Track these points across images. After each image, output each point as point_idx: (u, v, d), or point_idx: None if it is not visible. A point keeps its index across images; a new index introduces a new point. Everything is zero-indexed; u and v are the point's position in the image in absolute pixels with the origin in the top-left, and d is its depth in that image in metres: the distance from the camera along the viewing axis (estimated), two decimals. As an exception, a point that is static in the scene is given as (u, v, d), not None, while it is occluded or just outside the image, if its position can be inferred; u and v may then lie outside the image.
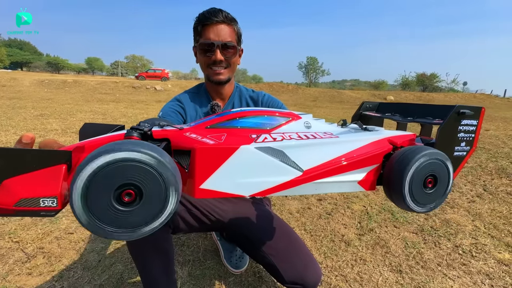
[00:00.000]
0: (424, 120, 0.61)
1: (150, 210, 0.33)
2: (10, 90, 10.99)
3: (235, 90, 1.11)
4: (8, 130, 3.75)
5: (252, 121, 0.50)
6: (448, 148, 0.54)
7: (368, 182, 0.50)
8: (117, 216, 0.32)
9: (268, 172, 0.42)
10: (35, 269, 1.26)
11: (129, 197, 0.32)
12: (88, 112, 6.05)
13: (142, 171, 0.32)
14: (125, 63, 53.97)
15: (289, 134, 0.49)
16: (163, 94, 13.75)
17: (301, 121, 0.54)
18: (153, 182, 0.32)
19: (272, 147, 0.43)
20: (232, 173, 0.40)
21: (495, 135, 4.40)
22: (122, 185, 0.32)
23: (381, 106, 0.80)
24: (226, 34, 0.93)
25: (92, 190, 0.31)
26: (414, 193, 0.46)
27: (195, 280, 1.26)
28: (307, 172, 0.45)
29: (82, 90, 13.27)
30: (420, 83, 30.03)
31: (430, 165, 0.46)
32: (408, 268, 1.37)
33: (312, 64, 42.99)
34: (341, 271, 1.35)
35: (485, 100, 18.18)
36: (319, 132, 0.53)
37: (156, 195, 0.33)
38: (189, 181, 0.42)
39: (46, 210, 0.35)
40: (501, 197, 2.20)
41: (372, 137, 0.53)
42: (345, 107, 11.64)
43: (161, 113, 0.99)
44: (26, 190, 0.34)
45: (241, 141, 0.43)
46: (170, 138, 0.45)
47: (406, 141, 0.55)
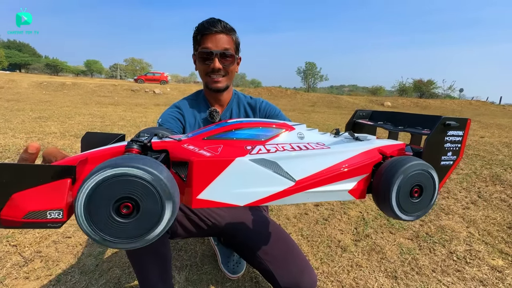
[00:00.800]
0: (414, 130, 0.63)
1: (146, 222, 0.35)
2: (8, 92, 10.96)
3: (233, 97, 1.13)
4: (7, 132, 3.74)
5: (248, 133, 0.51)
6: (434, 158, 0.56)
7: (358, 191, 0.52)
8: (115, 226, 0.34)
9: (262, 182, 0.44)
10: (32, 273, 1.26)
11: (127, 210, 0.34)
12: (87, 115, 6.05)
13: (139, 186, 0.34)
14: (124, 66, 54.06)
15: (283, 145, 0.51)
16: (162, 98, 13.78)
17: (294, 132, 0.56)
18: (149, 196, 0.34)
19: (266, 158, 0.45)
20: (228, 183, 0.43)
21: (490, 142, 4.46)
22: (120, 198, 0.34)
23: (374, 114, 0.82)
24: (224, 43, 0.96)
25: (94, 201, 0.33)
26: (401, 202, 0.48)
27: (193, 285, 1.26)
28: (299, 182, 0.46)
29: (81, 92, 13.26)
30: (417, 89, 30.32)
31: (416, 176, 0.48)
32: (404, 274, 1.39)
33: (311, 69, 43.33)
34: (337, 276, 1.36)
35: (481, 107, 18.40)
36: (311, 143, 0.54)
37: (152, 209, 0.35)
38: (186, 191, 0.44)
39: (52, 222, 0.37)
40: (495, 204, 2.23)
41: (362, 147, 0.55)
42: (343, 113, 11.73)
43: (161, 120, 1.01)
44: (33, 203, 0.36)
45: (237, 153, 0.45)
46: (168, 149, 0.48)
47: (395, 151, 0.57)
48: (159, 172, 0.35)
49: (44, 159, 0.46)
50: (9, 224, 0.36)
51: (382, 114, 0.79)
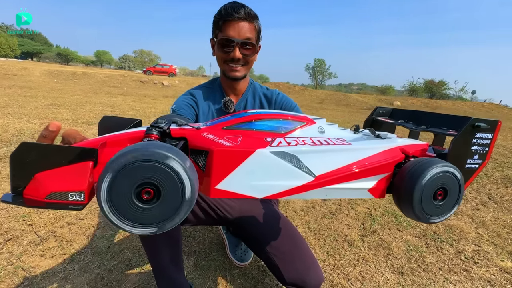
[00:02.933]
0: (438, 130, 0.61)
1: (166, 209, 0.35)
2: (21, 80, 11.18)
3: (249, 86, 1.10)
4: (21, 117, 3.83)
5: (268, 124, 0.51)
6: (460, 160, 0.54)
7: (378, 190, 0.50)
8: (134, 211, 0.34)
9: (281, 176, 0.44)
10: (47, 252, 1.31)
11: (148, 195, 0.34)
12: (97, 104, 6.13)
13: (163, 173, 0.34)
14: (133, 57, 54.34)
15: (303, 139, 0.50)
16: (170, 90, 13.85)
17: (315, 126, 0.55)
18: (171, 184, 0.34)
19: (286, 151, 0.44)
20: (247, 175, 0.42)
21: (503, 145, 4.37)
22: (143, 183, 0.34)
23: (394, 112, 0.80)
24: (246, 31, 0.92)
25: (116, 185, 0.33)
26: (423, 204, 0.47)
27: (201, 270, 1.29)
28: (319, 177, 0.46)
29: (91, 82, 13.43)
30: (427, 90, 29.73)
31: (441, 178, 0.47)
32: (410, 271, 1.39)
33: (320, 66, 42.82)
34: (343, 269, 1.37)
35: (493, 110, 17.95)
36: (332, 138, 0.53)
37: (173, 196, 0.35)
38: (205, 181, 0.43)
39: (73, 203, 0.37)
40: (505, 206, 2.19)
41: (384, 146, 0.53)
42: (351, 111, 11.60)
43: (175, 106, 1.00)
44: (56, 184, 0.36)
45: (257, 144, 0.44)
46: (187, 137, 0.47)
47: (418, 151, 0.56)
48: (182, 161, 0.34)
49: (63, 140, 0.47)
50: (32, 204, 0.37)
51: (403, 112, 0.77)
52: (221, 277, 1.26)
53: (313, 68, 42.95)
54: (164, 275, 0.95)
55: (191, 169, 0.36)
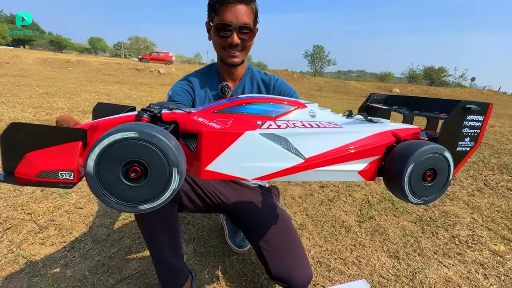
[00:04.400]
0: (430, 114, 0.61)
1: (153, 187, 0.35)
2: (13, 68, 10.93)
3: (246, 71, 1.08)
4: (15, 106, 3.77)
5: (259, 108, 0.51)
6: (451, 143, 0.54)
7: (368, 172, 0.51)
8: (123, 189, 0.34)
9: (271, 157, 0.44)
10: (47, 240, 1.32)
11: (135, 174, 0.35)
12: (93, 93, 6.04)
13: (149, 151, 0.34)
14: (128, 45, 53.15)
15: (294, 122, 0.50)
16: (167, 78, 13.64)
17: (306, 109, 0.55)
18: (157, 162, 0.34)
19: (276, 133, 0.45)
20: (236, 157, 0.42)
21: (500, 132, 4.38)
22: (130, 161, 0.34)
23: (388, 99, 0.80)
24: (244, 15, 0.89)
25: (104, 163, 0.33)
26: (413, 186, 0.47)
27: (200, 256, 1.31)
28: (309, 159, 0.46)
29: (86, 70, 13.17)
30: (427, 76, 29.51)
31: (430, 159, 0.47)
32: (405, 255, 1.42)
33: (318, 53, 42.16)
34: (340, 254, 1.39)
35: (492, 97, 17.92)
36: (323, 122, 0.53)
37: (160, 175, 0.35)
38: (195, 163, 0.44)
39: (64, 182, 0.38)
40: (501, 192, 2.22)
41: (376, 129, 0.53)
42: (350, 98, 11.54)
43: (171, 92, 0.99)
44: (46, 163, 0.37)
45: (246, 127, 0.45)
46: (178, 121, 0.48)
47: (410, 135, 0.55)
48: (167, 139, 0.35)
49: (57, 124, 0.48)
50: (23, 182, 0.37)
51: (397, 98, 0.76)
52: (220, 263, 1.28)
53: (312, 55, 42.33)
54: (162, 261, 0.96)
55: (178, 149, 0.36)
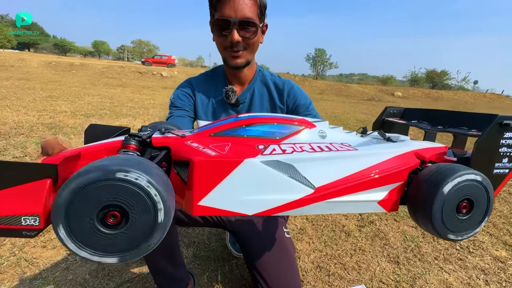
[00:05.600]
0: (458, 131, 0.53)
1: (136, 233, 0.30)
2: (18, 71, 11.06)
3: (256, 74, 0.96)
4: (19, 110, 3.81)
5: (260, 130, 0.45)
6: (487, 165, 0.47)
7: (390, 202, 0.44)
8: (100, 238, 0.29)
9: (275, 189, 0.38)
10: (49, 243, 1.33)
11: (114, 219, 0.29)
12: (96, 96, 6.10)
13: (128, 192, 0.29)
14: (131, 48, 53.66)
15: (301, 145, 0.44)
16: (169, 81, 13.73)
17: (315, 129, 0.49)
18: (139, 204, 0.29)
19: (281, 160, 0.39)
20: (235, 189, 0.37)
21: (502, 136, 4.37)
22: (106, 206, 0.29)
23: (406, 112, 0.73)
24: (244, 8, 0.77)
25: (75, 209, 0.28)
26: (444, 219, 0.40)
27: (200, 260, 1.32)
28: (320, 189, 0.40)
29: (89, 73, 13.30)
30: (429, 80, 29.49)
31: (466, 188, 0.40)
32: (406, 260, 1.42)
33: (320, 56, 42.26)
34: (340, 259, 1.39)
35: (495, 100, 17.84)
36: (335, 143, 0.47)
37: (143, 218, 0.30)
38: (187, 196, 0.39)
39: (27, 229, 0.32)
40: (502, 197, 2.21)
41: (396, 150, 0.46)
42: (351, 101, 11.54)
43: (173, 96, 0.96)
44: (7, 206, 0.31)
45: (246, 153, 0.39)
46: (170, 146, 0.43)
47: (435, 155, 0.49)
48: (150, 175, 0.29)
49: (42, 150, 0.44)
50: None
51: (417, 111, 0.69)
52: (220, 267, 1.29)
53: (314, 58, 42.42)
54: (160, 272, 0.94)
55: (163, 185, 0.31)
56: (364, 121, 5.52)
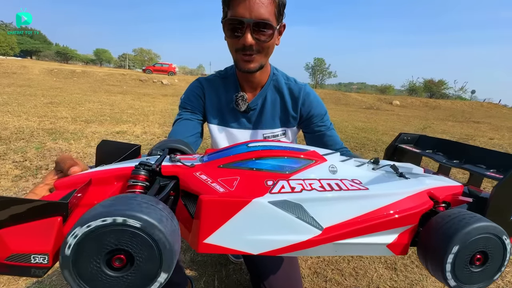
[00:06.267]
0: (475, 169, 0.51)
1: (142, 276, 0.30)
2: (20, 78, 11.17)
3: (270, 78, 0.90)
4: (21, 115, 3.85)
5: (270, 163, 0.44)
6: (505, 211, 0.45)
7: (400, 246, 0.42)
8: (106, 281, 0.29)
9: (282, 229, 0.38)
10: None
11: (119, 262, 0.30)
12: (97, 103, 6.15)
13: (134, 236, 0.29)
14: (132, 56, 54.33)
15: (310, 182, 0.43)
16: (170, 89, 13.86)
17: (326, 164, 0.47)
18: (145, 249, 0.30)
19: (289, 200, 0.39)
20: (241, 228, 0.37)
21: (499, 144, 4.40)
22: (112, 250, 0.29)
23: (420, 140, 0.71)
24: (261, 8, 0.70)
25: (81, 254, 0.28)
26: (456, 270, 0.38)
27: (197, 265, 1.32)
28: (327, 230, 0.39)
29: (90, 80, 13.43)
30: (427, 89, 29.83)
31: (481, 240, 0.38)
32: (403, 267, 1.42)
33: (319, 65, 42.83)
34: (337, 265, 1.39)
35: (492, 109, 18.02)
36: (345, 180, 0.45)
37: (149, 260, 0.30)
38: (193, 232, 0.39)
39: (36, 267, 0.32)
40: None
41: (408, 190, 0.45)
42: (350, 110, 11.64)
43: (184, 97, 0.92)
44: (18, 244, 0.31)
45: (255, 191, 0.39)
46: (179, 176, 0.42)
47: (450, 196, 0.47)
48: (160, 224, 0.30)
49: (56, 165, 0.45)
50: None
51: (432, 140, 0.67)
52: (217, 272, 1.29)
53: (313, 67, 42.97)
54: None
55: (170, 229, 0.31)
56: (362, 129, 5.56)
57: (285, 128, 0.93)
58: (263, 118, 0.91)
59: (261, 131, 0.92)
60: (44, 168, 2.19)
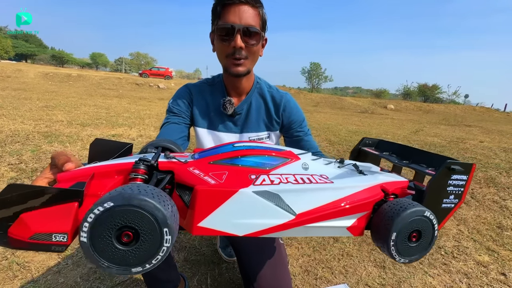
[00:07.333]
0: (418, 168, 0.64)
1: (145, 251, 0.36)
2: (15, 81, 11.10)
3: (254, 86, 0.98)
4: (16, 119, 3.84)
5: (253, 161, 0.52)
6: (436, 200, 0.57)
7: (357, 228, 0.52)
8: (116, 254, 0.35)
9: (262, 214, 0.45)
10: (41, 247, 1.35)
11: (127, 238, 0.35)
12: (92, 106, 6.14)
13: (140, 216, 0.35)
14: (129, 60, 54.24)
15: (287, 176, 0.51)
16: (166, 92, 13.86)
17: (299, 162, 0.56)
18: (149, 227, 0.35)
19: (269, 190, 0.46)
20: (229, 214, 0.43)
21: (489, 147, 4.50)
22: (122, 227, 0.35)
23: (380, 144, 0.83)
24: (249, 17, 0.80)
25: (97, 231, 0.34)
26: (398, 245, 0.49)
27: (191, 264, 1.34)
28: (300, 216, 0.47)
29: (86, 84, 13.38)
30: (421, 93, 30.26)
31: (415, 222, 0.49)
32: (391, 265, 1.46)
33: (315, 70, 43.18)
34: (328, 263, 1.43)
35: (485, 113, 18.32)
36: (315, 175, 0.54)
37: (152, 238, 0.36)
38: (188, 217, 0.45)
39: (56, 244, 0.37)
40: (487, 205, 2.29)
41: (365, 184, 0.54)
42: (345, 114, 11.76)
43: (171, 101, 0.97)
44: (40, 225, 0.37)
45: (241, 183, 0.46)
46: (174, 171, 0.48)
47: (398, 189, 0.58)
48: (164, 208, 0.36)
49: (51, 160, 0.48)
50: (16, 244, 0.37)
51: (389, 144, 0.79)
52: (210, 270, 1.31)
53: (309, 71, 43.31)
54: (149, 273, 0.95)
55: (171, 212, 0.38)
56: (355, 132, 5.64)
57: (269, 131, 1.00)
58: (248, 122, 0.98)
59: (247, 134, 0.98)
60: (40, 171, 2.20)
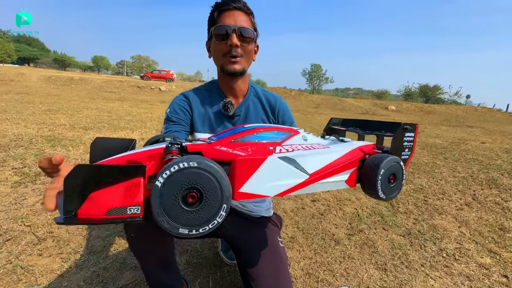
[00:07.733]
0: (379, 133, 0.81)
1: (199, 217, 0.41)
2: (18, 85, 11.19)
3: (249, 90, 1.04)
4: (19, 123, 3.87)
5: (267, 136, 0.61)
6: (398, 153, 0.73)
7: (351, 181, 0.65)
8: (174, 208, 0.40)
9: (287, 176, 0.53)
10: (45, 251, 1.36)
11: (192, 199, 0.41)
12: (94, 109, 6.18)
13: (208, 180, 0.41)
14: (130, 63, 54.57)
15: (295, 146, 0.61)
16: (168, 95, 13.91)
17: (299, 135, 0.67)
18: (213, 190, 0.42)
19: (288, 156, 0.54)
20: (262, 178, 0.50)
21: (490, 148, 4.48)
22: (190, 187, 0.40)
23: (344, 122, 0.98)
24: (243, 21, 0.89)
25: (170, 183, 0.39)
26: (383, 187, 0.63)
27: (192, 267, 1.35)
28: (312, 175, 0.57)
29: (88, 87, 13.47)
30: (422, 94, 30.20)
31: (392, 167, 0.64)
32: (393, 267, 1.46)
33: (316, 71, 43.25)
34: (329, 266, 1.43)
35: (486, 114, 18.23)
36: (314, 144, 0.66)
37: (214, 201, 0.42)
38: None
39: (131, 216, 0.41)
40: (489, 207, 2.28)
41: (349, 147, 0.68)
42: (346, 115, 11.75)
43: (169, 110, 0.97)
44: (113, 200, 0.40)
45: (265, 152, 0.54)
46: (202, 151, 0.53)
47: (371, 149, 0.73)
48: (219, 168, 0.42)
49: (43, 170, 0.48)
50: (88, 221, 0.39)
51: (351, 121, 0.96)
52: (212, 274, 1.32)
53: (310, 73, 43.36)
54: (153, 278, 0.96)
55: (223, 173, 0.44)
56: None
57: None
58: (248, 122, 1.01)
59: None
60: (43, 175, 2.23)
